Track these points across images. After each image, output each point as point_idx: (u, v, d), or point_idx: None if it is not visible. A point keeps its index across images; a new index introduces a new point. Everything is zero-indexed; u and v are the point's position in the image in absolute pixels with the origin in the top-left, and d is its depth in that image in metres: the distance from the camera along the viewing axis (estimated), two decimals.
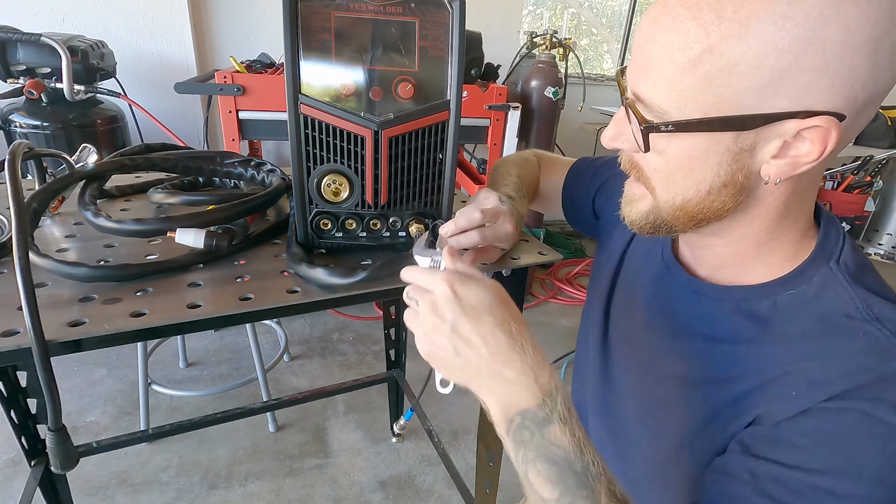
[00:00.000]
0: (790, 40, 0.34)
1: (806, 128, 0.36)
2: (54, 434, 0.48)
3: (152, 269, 0.57)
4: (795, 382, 0.40)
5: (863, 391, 0.37)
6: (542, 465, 0.38)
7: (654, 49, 0.38)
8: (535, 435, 0.38)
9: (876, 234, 3.21)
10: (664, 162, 0.42)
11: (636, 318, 0.58)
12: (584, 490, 0.36)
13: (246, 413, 1.41)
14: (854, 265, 0.43)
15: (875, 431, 0.36)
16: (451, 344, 0.41)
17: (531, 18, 2.89)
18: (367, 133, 0.57)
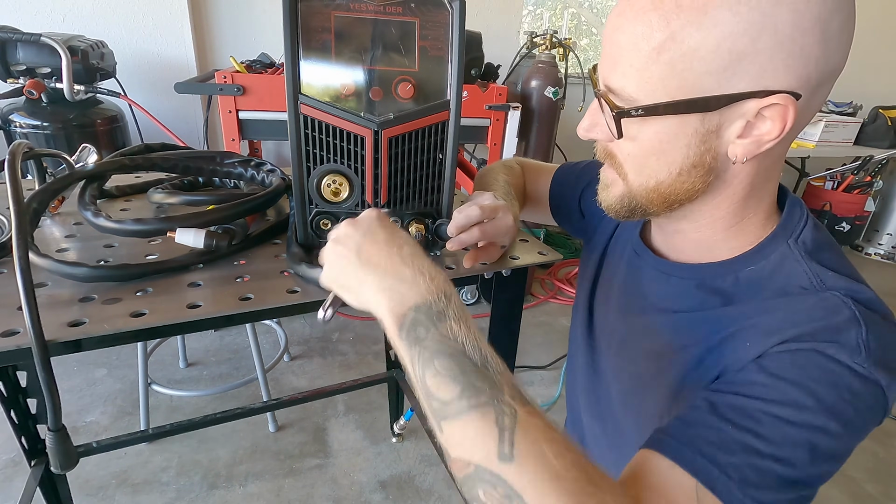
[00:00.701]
0: (745, 24, 0.36)
1: (765, 106, 0.39)
2: (54, 434, 0.48)
3: (152, 269, 0.57)
4: (750, 335, 0.42)
5: (815, 335, 0.39)
6: (440, 361, 0.35)
7: (621, 40, 0.41)
8: (431, 330, 0.36)
9: (876, 234, 3.21)
10: (637, 147, 0.45)
11: (613, 306, 0.60)
12: (486, 382, 0.34)
13: (246, 413, 1.41)
14: (812, 243, 0.45)
15: (828, 367, 0.37)
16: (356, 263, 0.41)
17: (531, 18, 2.89)
18: (366, 133, 0.57)
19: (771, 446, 0.36)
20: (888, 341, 0.39)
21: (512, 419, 0.33)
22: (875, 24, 3.12)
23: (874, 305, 0.41)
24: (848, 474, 1.56)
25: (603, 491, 0.32)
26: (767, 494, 0.35)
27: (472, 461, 0.33)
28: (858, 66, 3.18)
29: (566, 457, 0.32)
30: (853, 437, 0.37)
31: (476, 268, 0.64)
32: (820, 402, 0.36)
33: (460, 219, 0.59)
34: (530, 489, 0.31)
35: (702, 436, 0.37)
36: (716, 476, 0.35)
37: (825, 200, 2.80)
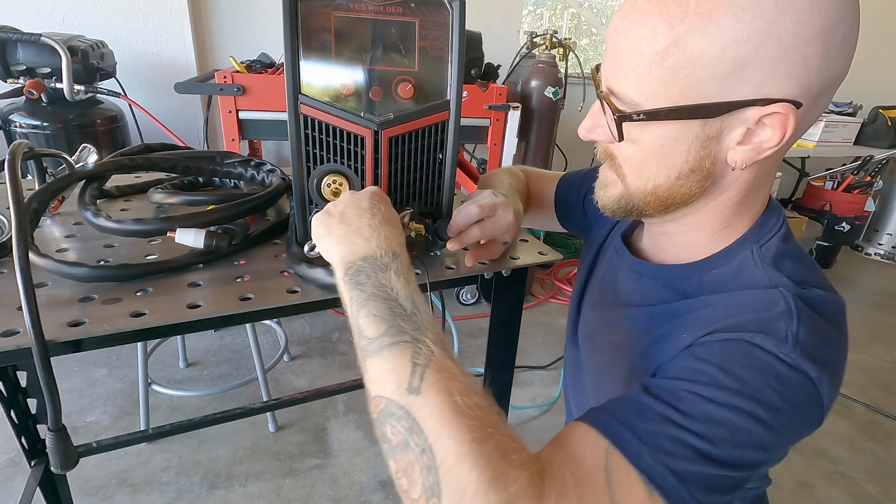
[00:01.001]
0: (749, 32, 0.36)
1: (766, 114, 0.39)
2: (54, 434, 0.48)
3: (152, 269, 0.57)
4: (689, 327, 0.43)
5: (745, 326, 0.39)
6: (374, 303, 0.38)
7: (624, 44, 0.41)
8: (372, 277, 0.40)
9: (876, 234, 3.21)
10: (637, 150, 0.45)
11: (592, 302, 0.62)
12: (411, 325, 0.37)
13: (246, 413, 1.41)
14: (776, 252, 0.46)
15: (755, 355, 0.37)
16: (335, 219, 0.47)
17: (531, 18, 2.89)
18: (366, 133, 0.57)
19: (691, 421, 0.35)
20: (821, 337, 0.39)
21: (427, 357, 0.35)
22: (875, 24, 3.12)
23: (818, 305, 0.41)
24: (848, 474, 1.56)
25: (501, 434, 0.33)
26: (680, 463, 0.34)
27: (384, 395, 0.35)
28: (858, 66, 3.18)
29: (471, 399, 0.33)
30: (785, 429, 0.37)
31: (476, 268, 0.64)
32: (745, 386, 0.36)
33: (459, 218, 0.59)
34: (430, 420, 0.32)
35: (623, 407, 0.38)
36: (628, 438, 0.35)
37: (825, 200, 2.80)
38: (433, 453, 0.32)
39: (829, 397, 0.38)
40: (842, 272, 3.01)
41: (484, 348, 0.79)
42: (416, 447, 0.32)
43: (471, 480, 0.30)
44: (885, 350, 2.23)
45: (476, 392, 0.34)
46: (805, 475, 1.55)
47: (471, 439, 0.31)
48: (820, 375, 0.37)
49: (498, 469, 0.31)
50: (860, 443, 1.69)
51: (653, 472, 0.34)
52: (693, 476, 0.34)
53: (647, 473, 0.34)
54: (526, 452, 0.34)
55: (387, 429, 0.34)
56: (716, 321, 0.42)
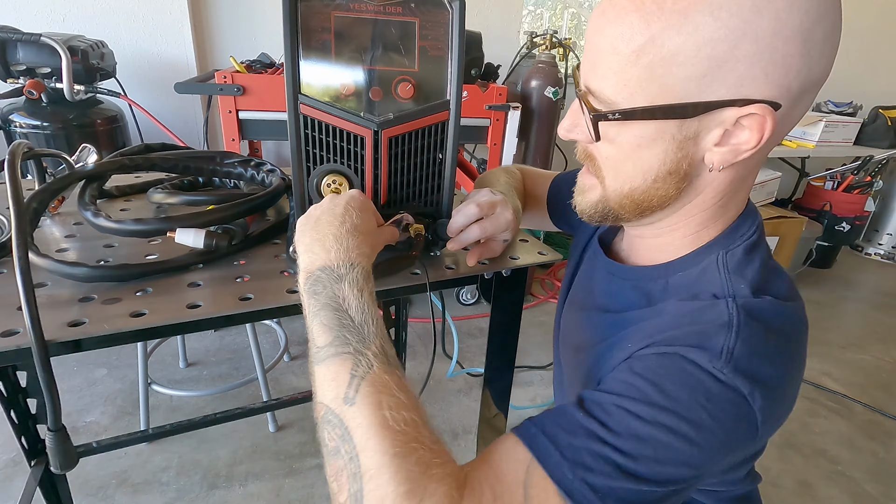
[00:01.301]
0: (725, 30, 0.36)
1: (744, 115, 0.38)
2: (54, 434, 0.48)
3: (152, 269, 0.57)
4: (635, 337, 0.43)
5: (683, 339, 0.39)
6: (325, 313, 0.40)
7: (600, 41, 0.41)
8: (327, 287, 0.41)
9: (876, 234, 3.21)
10: (615, 150, 0.44)
11: (570, 301, 0.63)
12: (356, 337, 0.38)
13: (246, 413, 1.41)
14: (741, 259, 0.45)
15: (687, 370, 0.38)
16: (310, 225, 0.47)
17: (531, 18, 2.89)
18: (366, 133, 0.57)
19: (615, 437, 0.36)
20: (760, 351, 0.38)
21: (365, 370, 0.37)
22: (875, 24, 3.12)
23: (767, 315, 0.40)
24: (848, 474, 1.56)
25: (425, 448, 0.34)
26: (600, 479, 0.35)
27: (325, 402, 0.37)
28: (858, 66, 3.19)
29: (402, 414, 0.35)
30: (712, 446, 0.37)
31: (476, 267, 0.64)
32: (673, 402, 0.36)
33: (459, 218, 0.59)
34: (359, 431, 0.34)
35: (553, 420, 0.38)
36: (551, 453, 0.36)
37: (825, 200, 2.80)
38: (359, 462, 0.34)
39: (764, 411, 0.37)
40: (842, 272, 3.01)
41: (484, 348, 0.79)
42: (345, 454, 0.35)
43: (388, 492, 0.32)
44: (885, 350, 2.23)
45: (407, 407, 0.36)
46: (805, 475, 1.55)
47: (392, 453, 0.33)
48: (753, 391, 0.37)
49: (416, 483, 0.33)
50: (860, 443, 1.69)
51: (571, 488, 0.35)
52: (611, 491, 0.35)
53: (566, 489, 0.35)
54: (450, 467, 0.35)
55: (325, 434, 0.37)
56: (657, 332, 0.42)
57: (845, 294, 2.75)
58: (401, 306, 1.43)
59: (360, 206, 0.49)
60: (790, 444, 1.66)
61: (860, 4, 3.03)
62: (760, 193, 2.42)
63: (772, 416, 0.39)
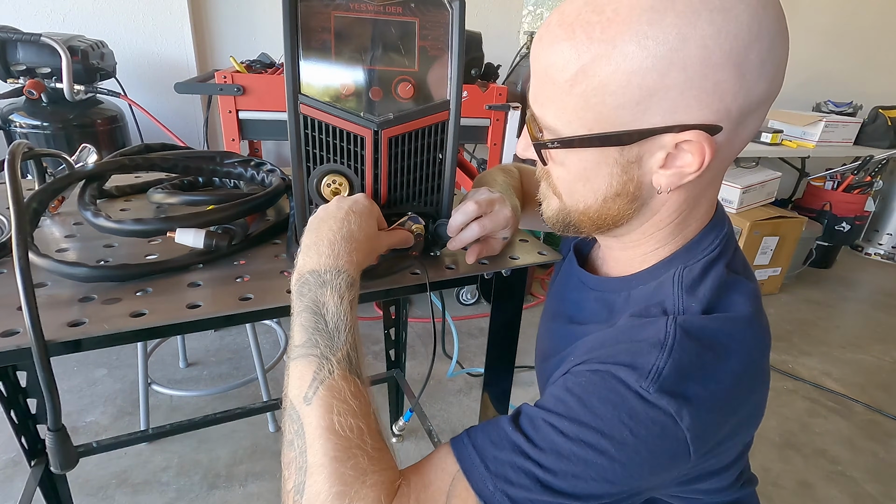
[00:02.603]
0: (652, 59, 0.36)
1: (681, 141, 0.38)
2: (54, 434, 0.48)
3: (152, 269, 0.57)
4: (576, 351, 0.45)
5: (615, 356, 0.40)
6: (305, 315, 0.42)
7: (538, 69, 0.41)
8: (311, 290, 0.43)
9: (876, 234, 3.21)
10: (565, 172, 0.45)
11: (547, 308, 0.65)
12: (326, 342, 0.41)
13: (246, 413, 1.41)
14: (698, 275, 0.45)
15: (615, 389, 0.38)
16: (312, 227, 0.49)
17: (531, 18, 2.89)
18: (366, 133, 0.57)
19: (538, 451, 0.37)
20: (691, 371, 0.38)
21: (326, 374, 0.39)
22: (875, 24, 3.12)
23: (707, 334, 0.40)
24: (848, 474, 1.56)
25: (365, 456, 0.37)
26: (520, 492, 0.37)
27: (290, 397, 0.40)
28: (858, 66, 3.19)
29: (349, 420, 0.37)
30: (634, 463, 0.37)
31: (476, 267, 0.64)
32: (597, 419, 0.37)
33: (458, 217, 0.60)
34: (309, 430, 0.37)
35: (484, 433, 0.40)
36: (476, 465, 0.38)
37: (825, 200, 2.80)
38: (306, 458, 0.37)
39: (693, 430, 0.37)
40: (842, 272, 3.01)
41: (484, 348, 0.79)
42: (297, 448, 0.38)
43: (322, 489, 0.35)
44: (885, 350, 2.23)
45: (356, 415, 0.38)
46: (805, 475, 1.55)
47: (332, 456, 0.36)
48: (679, 410, 0.37)
49: (348, 486, 0.36)
50: (860, 443, 1.69)
51: (491, 500, 0.37)
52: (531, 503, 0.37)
53: (486, 500, 0.37)
54: (387, 475, 0.38)
55: (285, 426, 0.40)
56: (595, 349, 0.43)
57: (845, 294, 2.76)
58: (401, 306, 1.43)
59: (361, 210, 0.50)
60: (790, 444, 1.66)
61: (860, 5, 3.03)
62: (760, 193, 2.42)
63: (707, 434, 0.39)
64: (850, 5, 2.99)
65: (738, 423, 0.42)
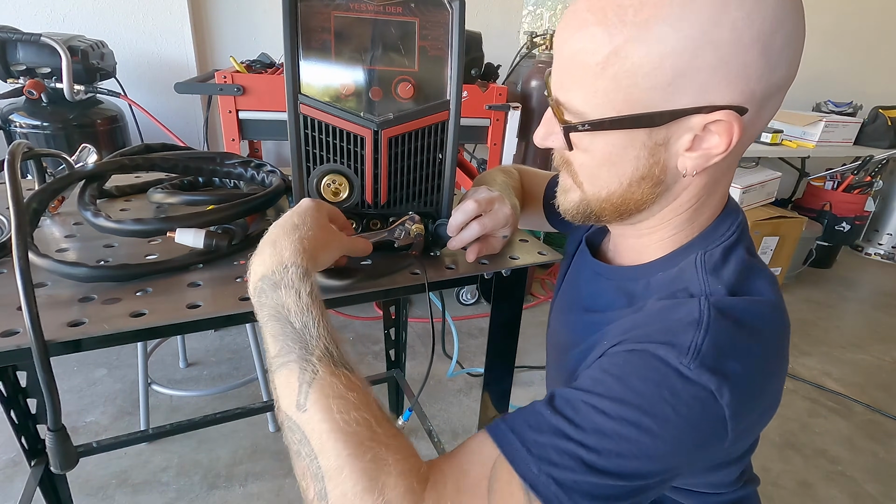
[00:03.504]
0: (686, 41, 0.37)
1: (711, 122, 0.39)
2: (54, 434, 0.48)
3: (152, 269, 0.57)
4: (611, 335, 0.44)
5: (652, 336, 0.40)
6: (271, 323, 0.41)
7: (566, 53, 0.41)
8: (268, 297, 0.42)
9: (876, 234, 3.21)
10: (589, 158, 0.45)
11: (559, 302, 0.64)
12: (298, 344, 0.39)
13: (246, 413, 1.41)
14: (719, 259, 0.46)
15: (655, 367, 0.38)
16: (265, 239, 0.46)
17: (531, 18, 2.89)
18: (366, 133, 0.57)
19: (580, 432, 0.37)
20: (728, 348, 0.39)
21: (311, 376, 0.38)
22: (875, 24, 3.12)
23: (739, 313, 0.41)
24: (848, 474, 1.56)
25: (381, 446, 0.36)
26: (566, 474, 0.36)
27: (283, 409, 0.39)
28: (858, 66, 3.19)
29: (351, 414, 0.36)
30: (677, 440, 0.37)
31: (477, 267, 0.64)
32: (638, 397, 0.37)
33: (458, 215, 0.60)
34: (314, 436, 0.36)
35: (523, 418, 0.40)
36: (518, 449, 0.37)
37: (825, 200, 2.80)
38: (319, 464, 0.36)
39: (732, 407, 0.38)
40: (842, 272, 3.01)
41: (484, 348, 0.79)
42: (306, 457, 0.37)
43: (348, 489, 0.34)
44: (885, 350, 2.23)
45: (357, 407, 0.37)
46: (805, 475, 1.55)
47: (346, 454, 0.35)
48: (720, 387, 0.37)
49: (374, 479, 0.35)
50: (860, 443, 1.69)
51: (536, 482, 0.36)
52: (576, 485, 0.36)
53: (531, 482, 0.36)
54: (410, 462, 0.37)
55: (287, 438, 0.38)
56: (629, 330, 0.43)
57: (845, 294, 2.76)
58: (401, 306, 1.43)
59: (305, 209, 0.48)
60: (790, 444, 1.66)
61: (860, 4, 3.03)
62: (760, 193, 2.42)
63: (742, 413, 0.39)
64: (850, 5, 2.99)
65: (764, 408, 0.42)
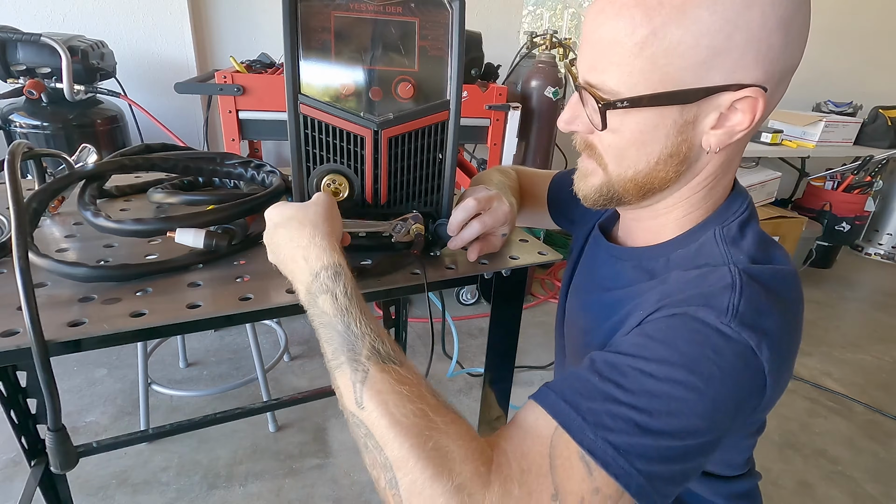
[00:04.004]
0: (721, 22, 0.39)
1: (738, 99, 0.42)
2: (54, 434, 0.48)
3: (152, 269, 0.57)
4: (645, 305, 0.46)
5: (689, 300, 0.42)
6: (321, 330, 0.44)
7: (603, 36, 0.43)
8: (314, 306, 0.45)
9: (876, 234, 3.21)
10: (618, 138, 0.47)
11: (574, 289, 0.65)
12: (346, 345, 0.42)
13: (246, 413, 1.41)
14: (737, 233, 0.49)
15: (696, 328, 0.40)
16: (274, 253, 0.51)
17: (531, 18, 2.89)
18: (366, 133, 0.57)
19: (630, 395, 0.38)
20: (763, 307, 0.41)
21: (363, 375, 0.40)
22: (875, 24, 3.12)
23: (765, 279, 0.43)
24: (848, 474, 1.56)
25: (440, 433, 0.37)
26: (621, 438, 0.37)
27: (345, 406, 0.41)
28: (859, 66, 3.19)
29: (407, 407, 0.38)
30: (722, 397, 0.39)
31: (476, 267, 0.64)
32: (683, 357, 0.39)
33: (458, 214, 0.60)
34: (376, 430, 0.38)
35: (570, 385, 0.40)
36: (573, 418, 0.38)
37: (825, 200, 2.80)
38: (385, 455, 0.37)
39: (771, 363, 0.40)
40: (842, 272, 3.01)
41: (484, 348, 0.79)
42: (373, 449, 0.38)
43: (416, 477, 0.35)
44: (885, 350, 2.23)
45: (411, 399, 0.39)
46: (805, 475, 1.55)
47: (409, 445, 0.36)
48: (759, 343, 0.39)
49: (440, 465, 0.36)
50: (860, 443, 1.69)
51: (593, 448, 0.37)
52: (632, 448, 0.37)
53: (589, 449, 0.37)
54: (472, 445, 0.38)
55: (353, 433, 0.40)
56: (665, 297, 0.44)
57: (845, 294, 2.76)
58: (401, 306, 1.43)
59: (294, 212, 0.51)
60: (790, 444, 1.66)
61: (860, 4, 3.03)
62: (760, 193, 2.42)
63: (778, 370, 0.41)
64: (850, 5, 2.99)
65: (787, 374, 0.44)
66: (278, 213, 0.51)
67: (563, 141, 2.43)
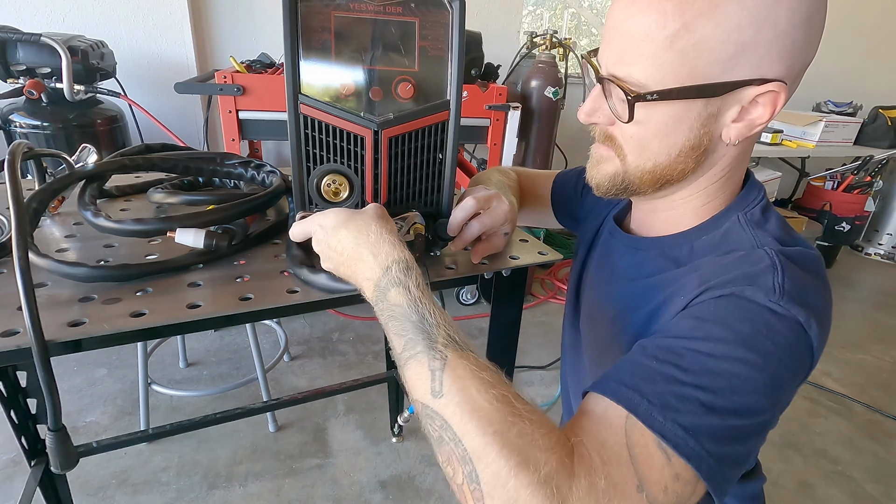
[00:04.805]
0: (750, 18, 0.40)
1: (761, 93, 0.43)
2: (54, 434, 0.48)
3: (152, 269, 0.57)
4: (685, 290, 0.46)
5: (734, 281, 0.42)
6: (391, 323, 0.43)
7: (632, 28, 0.44)
8: (383, 300, 0.44)
9: (876, 234, 3.21)
10: (642, 130, 0.47)
11: (590, 282, 0.65)
12: (421, 334, 0.40)
13: (246, 413, 1.41)
14: (760, 217, 0.50)
15: (746, 307, 0.41)
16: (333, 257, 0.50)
17: (531, 18, 2.89)
18: (366, 133, 0.57)
19: (691, 375, 0.38)
20: (805, 285, 0.42)
21: (441, 362, 0.38)
22: (875, 24, 3.12)
23: (798, 259, 0.44)
24: (848, 474, 1.56)
25: (524, 420, 0.35)
26: (688, 418, 0.37)
27: (418, 399, 0.39)
28: (858, 66, 3.19)
29: (489, 392, 0.36)
30: (779, 372, 0.39)
31: (477, 267, 0.64)
32: (737, 335, 0.39)
33: (458, 213, 0.60)
34: (455, 419, 0.36)
35: (629, 371, 0.40)
36: (641, 403, 0.37)
37: (825, 200, 2.80)
38: (464, 446, 0.35)
39: (818, 338, 0.41)
40: (842, 272, 3.01)
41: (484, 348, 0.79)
42: (449, 441, 0.36)
43: (500, 467, 0.33)
44: (885, 350, 2.23)
45: (493, 385, 0.37)
46: (805, 475, 1.55)
47: (492, 431, 0.34)
48: (808, 319, 0.40)
49: (525, 454, 0.33)
50: (860, 443, 1.69)
51: (664, 430, 0.36)
52: (700, 428, 0.36)
53: (660, 431, 0.36)
54: (554, 435, 0.36)
55: (427, 427, 0.38)
56: (707, 280, 0.44)
57: (845, 294, 2.76)
58: None
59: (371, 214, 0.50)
60: (790, 444, 1.66)
61: (861, 4, 3.03)
62: None
63: (821, 347, 0.42)
64: (850, 5, 2.99)
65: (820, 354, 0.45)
66: (334, 217, 0.50)
67: (563, 141, 2.43)
